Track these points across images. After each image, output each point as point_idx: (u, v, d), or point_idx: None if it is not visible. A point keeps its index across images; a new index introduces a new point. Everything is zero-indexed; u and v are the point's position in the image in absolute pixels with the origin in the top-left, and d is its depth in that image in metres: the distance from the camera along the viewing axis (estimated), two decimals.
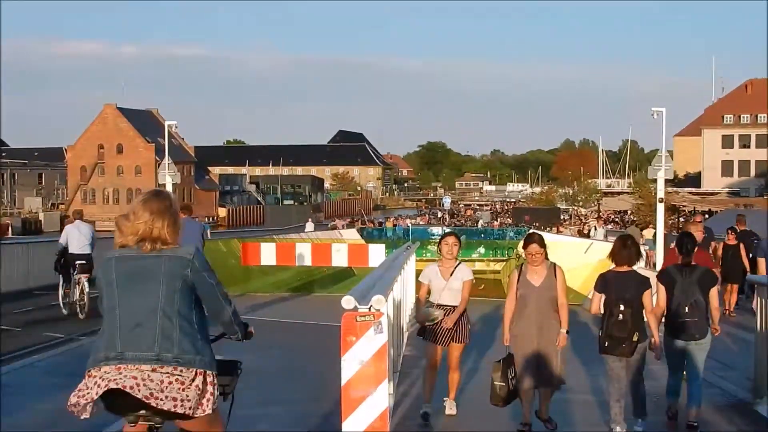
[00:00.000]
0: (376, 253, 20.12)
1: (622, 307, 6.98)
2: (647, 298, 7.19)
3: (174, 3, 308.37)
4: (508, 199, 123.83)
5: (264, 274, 21.86)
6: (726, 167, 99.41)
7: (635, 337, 6.99)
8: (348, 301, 5.27)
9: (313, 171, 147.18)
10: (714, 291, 7.57)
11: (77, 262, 14.81)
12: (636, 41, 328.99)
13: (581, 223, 58.43)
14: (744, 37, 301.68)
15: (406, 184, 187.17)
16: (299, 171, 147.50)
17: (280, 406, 8.22)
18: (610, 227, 52.57)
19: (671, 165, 17.86)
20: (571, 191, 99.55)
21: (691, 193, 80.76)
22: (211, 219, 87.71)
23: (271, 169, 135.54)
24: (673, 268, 7.72)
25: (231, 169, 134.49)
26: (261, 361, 9.55)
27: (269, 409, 7.87)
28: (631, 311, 6.99)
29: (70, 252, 14.97)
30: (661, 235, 18.05)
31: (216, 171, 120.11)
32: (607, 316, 7.09)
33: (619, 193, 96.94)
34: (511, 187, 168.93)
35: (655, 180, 19.44)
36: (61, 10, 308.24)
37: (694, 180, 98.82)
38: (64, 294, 15.14)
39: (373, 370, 5.20)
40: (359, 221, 49.65)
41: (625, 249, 7.27)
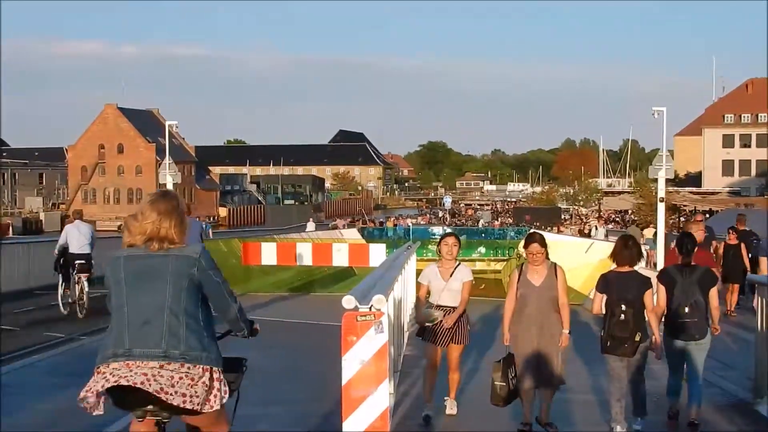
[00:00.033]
0: (377, 253, 20.07)
1: (623, 307, 7.00)
2: (649, 298, 7.20)
3: (174, 3, 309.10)
4: (508, 199, 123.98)
5: (265, 273, 21.83)
6: (727, 167, 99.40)
7: (637, 337, 7.01)
8: (349, 301, 5.26)
9: (313, 171, 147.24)
10: (714, 291, 7.58)
11: (77, 262, 14.84)
12: (636, 41, 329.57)
13: (582, 223, 58.38)
14: (744, 36, 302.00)
15: (406, 184, 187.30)
16: (300, 171, 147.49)
17: (281, 406, 8.21)
18: (611, 227, 52.53)
19: (672, 164, 17.84)
20: (571, 191, 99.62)
21: (691, 192, 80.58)
22: (211, 219, 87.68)
23: (271, 169, 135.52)
24: (673, 268, 7.74)
25: (232, 169, 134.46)
26: (261, 361, 9.52)
27: (269, 408, 7.86)
28: (632, 311, 7.01)
29: (69, 252, 15.00)
30: (662, 234, 18.03)
31: (217, 171, 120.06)
32: (608, 317, 7.10)
33: (619, 192, 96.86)
34: (511, 186, 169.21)
35: (655, 179, 19.41)
36: (61, 10, 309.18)
37: (695, 179, 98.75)
38: (63, 293, 15.15)
39: (373, 370, 5.19)
40: (360, 221, 49.66)
41: (627, 249, 7.28)
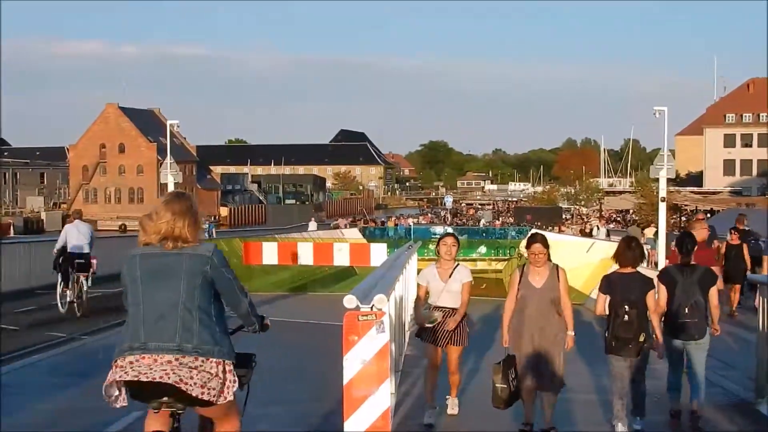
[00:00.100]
0: (378, 253, 20.07)
1: (627, 308, 7.01)
2: (651, 298, 7.22)
3: (174, 3, 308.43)
4: (509, 199, 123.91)
5: (266, 273, 21.84)
6: (728, 166, 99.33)
7: (641, 338, 7.03)
8: (350, 301, 5.25)
9: (314, 170, 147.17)
10: (714, 290, 7.58)
11: (76, 261, 14.88)
12: (636, 41, 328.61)
13: (583, 223, 58.35)
14: (745, 36, 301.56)
15: (407, 184, 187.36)
16: (301, 170, 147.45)
17: (282, 406, 8.19)
18: (612, 226, 52.44)
19: (673, 164, 17.88)
20: (573, 190, 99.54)
21: (693, 192, 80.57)
22: (213, 218, 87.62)
23: (272, 169, 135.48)
24: (674, 268, 7.75)
25: (233, 169, 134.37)
26: (262, 361, 9.50)
27: (270, 408, 7.83)
28: (636, 312, 7.02)
29: (68, 251, 15.03)
30: (663, 234, 18.03)
31: (218, 170, 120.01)
32: (612, 318, 7.11)
33: (621, 192, 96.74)
34: (512, 186, 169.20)
35: (657, 179, 19.43)
36: (61, 10, 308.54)
37: (696, 179, 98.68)
38: (61, 292, 15.15)
39: (375, 370, 5.18)
40: (361, 220, 49.62)
41: (630, 250, 7.29)
